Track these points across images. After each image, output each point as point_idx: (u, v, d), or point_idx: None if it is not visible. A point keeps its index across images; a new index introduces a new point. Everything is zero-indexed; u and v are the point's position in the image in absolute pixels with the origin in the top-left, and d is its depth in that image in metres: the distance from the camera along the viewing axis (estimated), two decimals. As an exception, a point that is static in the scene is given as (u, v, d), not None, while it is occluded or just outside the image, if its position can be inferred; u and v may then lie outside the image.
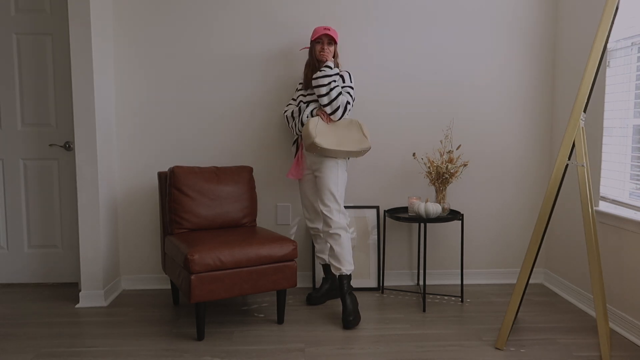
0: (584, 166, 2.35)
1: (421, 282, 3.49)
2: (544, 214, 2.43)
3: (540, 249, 3.42)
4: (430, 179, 3.17)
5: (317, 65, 2.94)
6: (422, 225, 3.42)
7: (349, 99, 2.90)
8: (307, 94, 3.00)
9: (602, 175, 2.92)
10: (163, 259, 3.04)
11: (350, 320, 2.75)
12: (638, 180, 2.73)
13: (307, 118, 2.92)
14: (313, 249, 3.33)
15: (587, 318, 2.91)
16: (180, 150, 3.36)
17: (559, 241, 3.39)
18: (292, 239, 3.26)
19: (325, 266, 3.18)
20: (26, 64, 3.35)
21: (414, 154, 3.28)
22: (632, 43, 2.75)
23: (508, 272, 3.56)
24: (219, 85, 3.33)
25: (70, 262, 3.49)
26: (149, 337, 2.64)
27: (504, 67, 3.42)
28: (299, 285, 3.47)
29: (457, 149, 3.23)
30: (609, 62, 2.88)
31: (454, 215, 3.12)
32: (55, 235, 3.47)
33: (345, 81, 2.95)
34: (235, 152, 3.38)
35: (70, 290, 3.39)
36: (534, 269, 3.55)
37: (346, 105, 2.88)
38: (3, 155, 3.41)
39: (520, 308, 3.06)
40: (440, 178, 3.13)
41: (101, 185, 3.08)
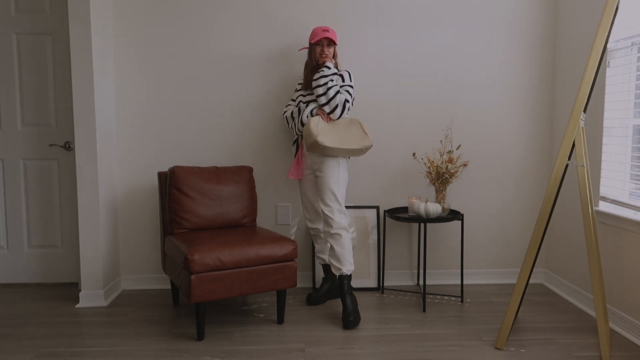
0: (584, 166, 2.35)
1: (421, 282, 3.49)
2: (544, 214, 2.43)
3: (540, 249, 3.42)
4: (430, 179, 3.17)
5: (317, 66, 2.94)
6: (422, 225, 3.42)
7: (347, 97, 2.90)
8: (307, 94, 3.00)
9: (602, 175, 2.92)
10: (163, 259, 3.04)
11: (350, 320, 2.75)
12: (638, 180, 2.73)
13: (307, 118, 2.92)
14: (313, 249, 3.33)
15: (587, 318, 2.91)
16: (180, 150, 3.36)
17: (559, 241, 3.39)
18: (292, 239, 3.26)
19: (325, 266, 3.18)
20: (26, 64, 3.35)
21: (414, 154, 3.28)
22: (632, 43, 2.75)
23: (508, 272, 3.56)
24: (219, 85, 3.33)
25: (70, 262, 3.49)
26: (149, 337, 2.64)
27: (504, 67, 3.42)
28: (299, 285, 3.47)
29: (457, 149, 3.23)
30: (609, 62, 2.88)
31: (454, 215, 3.12)
32: (55, 235, 3.47)
33: (344, 80, 2.95)
34: (235, 152, 3.38)
35: (70, 290, 3.40)
36: (534, 269, 3.55)
37: (345, 103, 2.88)
38: (3, 155, 3.41)
39: (520, 308, 3.06)
40: (440, 178, 3.13)
41: (101, 185, 3.08)
